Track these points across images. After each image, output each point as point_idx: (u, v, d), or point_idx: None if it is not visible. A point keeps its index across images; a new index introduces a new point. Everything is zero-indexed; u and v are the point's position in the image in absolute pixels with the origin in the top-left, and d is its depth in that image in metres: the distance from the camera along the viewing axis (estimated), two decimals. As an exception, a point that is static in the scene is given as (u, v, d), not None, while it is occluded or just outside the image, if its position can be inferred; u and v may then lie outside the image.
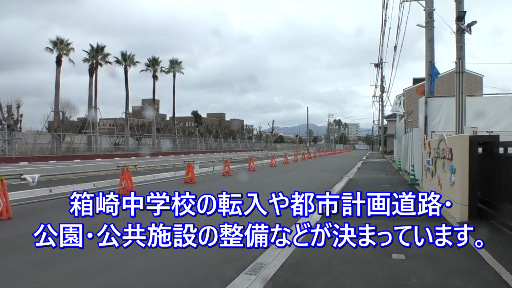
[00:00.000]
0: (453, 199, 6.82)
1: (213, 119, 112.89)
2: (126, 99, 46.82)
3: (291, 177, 17.17)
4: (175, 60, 55.34)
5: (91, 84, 42.03)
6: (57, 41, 39.22)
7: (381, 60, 43.05)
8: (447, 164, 7.50)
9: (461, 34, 9.06)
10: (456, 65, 9.27)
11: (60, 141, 35.78)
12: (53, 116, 40.08)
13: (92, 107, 41.53)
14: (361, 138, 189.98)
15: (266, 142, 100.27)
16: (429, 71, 12.10)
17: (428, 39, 12.00)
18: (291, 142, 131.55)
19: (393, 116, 48.35)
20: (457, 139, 7.20)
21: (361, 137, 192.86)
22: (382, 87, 48.01)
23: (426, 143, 10.39)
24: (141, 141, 49.07)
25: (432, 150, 9.25)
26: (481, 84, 32.88)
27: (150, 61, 51.60)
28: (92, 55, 42.23)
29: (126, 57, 46.93)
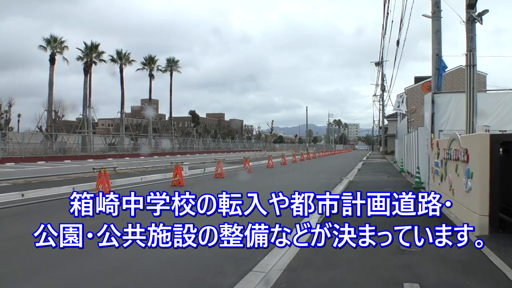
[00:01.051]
0: (470, 207, 6.10)
1: (213, 119, 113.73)
2: (122, 98, 46.96)
3: (287, 179, 16.90)
4: (172, 59, 55.46)
5: (86, 83, 42.06)
6: (50, 39, 39.25)
7: (382, 59, 43.01)
8: (462, 167, 6.70)
9: (471, 24, 8.55)
10: (466, 58, 8.76)
11: (52, 141, 35.69)
12: (46, 116, 40.17)
13: (87, 106, 41.58)
14: (361, 138, 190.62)
15: (265, 142, 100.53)
16: (435, 64, 11.39)
17: (435, 30, 11.38)
18: (291, 142, 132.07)
19: (394, 115, 48.50)
20: (475, 139, 6.32)
21: (361, 137, 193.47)
22: (383, 86, 48.22)
23: (434, 143, 9.76)
24: (137, 142, 49.11)
25: (441, 151, 8.59)
26: (485, 83, 33.05)
27: (147, 60, 51.66)
28: (86, 53, 42.23)
29: (121, 56, 46.98)
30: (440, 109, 11.01)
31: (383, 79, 48.16)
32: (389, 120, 53.53)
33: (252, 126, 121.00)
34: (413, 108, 21.65)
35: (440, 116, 11.01)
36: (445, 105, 11.02)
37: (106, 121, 76.52)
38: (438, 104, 11.05)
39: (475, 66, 8.75)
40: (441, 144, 8.71)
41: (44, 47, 39.17)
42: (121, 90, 46.98)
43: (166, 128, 58.77)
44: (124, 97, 47.08)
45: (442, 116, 11.00)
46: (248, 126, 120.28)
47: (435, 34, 11.44)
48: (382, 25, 29.54)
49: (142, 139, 50.93)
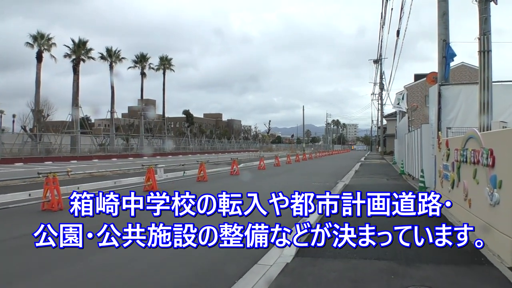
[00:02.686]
0: (498, 227, 5.01)
1: (210, 119, 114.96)
2: (112, 97, 46.73)
3: (277, 183, 15.99)
4: (165, 57, 55.50)
5: (75, 81, 41.91)
6: (37, 35, 39.01)
7: (381, 56, 42.90)
8: (483, 173, 5.54)
9: (485, 4, 7.83)
10: (479, 42, 7.94)
11: (37, 142, 35.42)
12: (32, 115, 39.98)
13: (73, 106, 41.43)
14: (360, 138, 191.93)
15: (262, 143, 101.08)
16: (442, 52, 10.31)
17: (441, 13, 10.46)
18: (289, 142, 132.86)
19: (393, 115, 48.75)
20: (504, 136, 5.11)
21: (360, 137, 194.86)
22: (382, 84, 48.02)
23: (442, 142, 8.74)
24: (129, 142, 49.07)
25: (452, 152, 7.57)
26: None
27: (138, 58, 51.58)
28: (73, 50, 41.95)
29: (111, 53, 46.84)
30: (448, 103, 9.95)
31: (382, 77, 48.12)
32: (388, 120, 53.82)
33: (251, 127, 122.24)
34: (414, 105, 21.00)
35: (448, 112, 9.96)
36: (454, 99, 9.98)
37: (103, 122, 76.80)
38: (446, 98, 9.99)
39: (490, 52, 7.88)
40: (452, 143, 7.74)
41: (31, 44, 38.97)
42: (111, 88, 46.83)
43: (159, 128, 58.82)
44: (114, 96, 46.95)
45: (450, 112, 9.96)
46: (246, 126, 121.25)
47: (441, 18, 10.51)
48: (380, 13, 28.58)
49: (135, 139, 50.88)
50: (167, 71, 56.07)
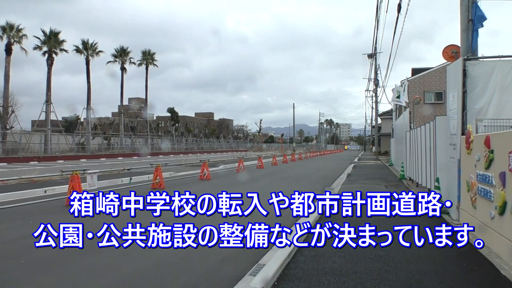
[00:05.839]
0: None
1: (201, 118, 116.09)
2: (88, 93, 46.48)
3: (250, 190, 12.19)
4: (148, 51, 55.40)
5: (50, 74, 41.56)
6: (6, 26, 38.54)
7: (375, 50, 42.47)
8: None
9: None
10: None
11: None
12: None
13: (46, 102, 41.07)
14: (353, 138, 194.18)
15: (253, 142, 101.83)
16: (467, 14, 8.14)
17: None
18: (283, 142, 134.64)
19: (388, 113, 49.02)
20: None
21: (353, 137, 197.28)
22: (377, 80, 47.76)
23: (476, 140, 6.41)
24: (110, 141, 48.89)
25: (497, 157, 5.40)
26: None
27: (118, 52, 51.38)
28: (44, 41, 41.49)
29: (87, 46, 46.56)
30: (477, 86, 7.70)
31: (377, 72, 47.97)
32: (383, 118, 54.17)
33: (243, 126, 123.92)
34: (417, 97, 18.65)
35: (477, 97, 7.71)
36: (485, 79, 7.73)
37: (98, 120, 76.97)
38: (474, 78, 7.73)
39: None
40: (496, 142, 5.53)
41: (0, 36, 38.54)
42: (87, 84, 46.59)
43: (143, 126, 58.80)
44: (90, 92, 46.70)
45: (481, 97, 7.72)
46: (239, 126, 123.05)
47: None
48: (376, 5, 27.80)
49: (116, 138, 50.69)
50: (150, 67, 56.03)
